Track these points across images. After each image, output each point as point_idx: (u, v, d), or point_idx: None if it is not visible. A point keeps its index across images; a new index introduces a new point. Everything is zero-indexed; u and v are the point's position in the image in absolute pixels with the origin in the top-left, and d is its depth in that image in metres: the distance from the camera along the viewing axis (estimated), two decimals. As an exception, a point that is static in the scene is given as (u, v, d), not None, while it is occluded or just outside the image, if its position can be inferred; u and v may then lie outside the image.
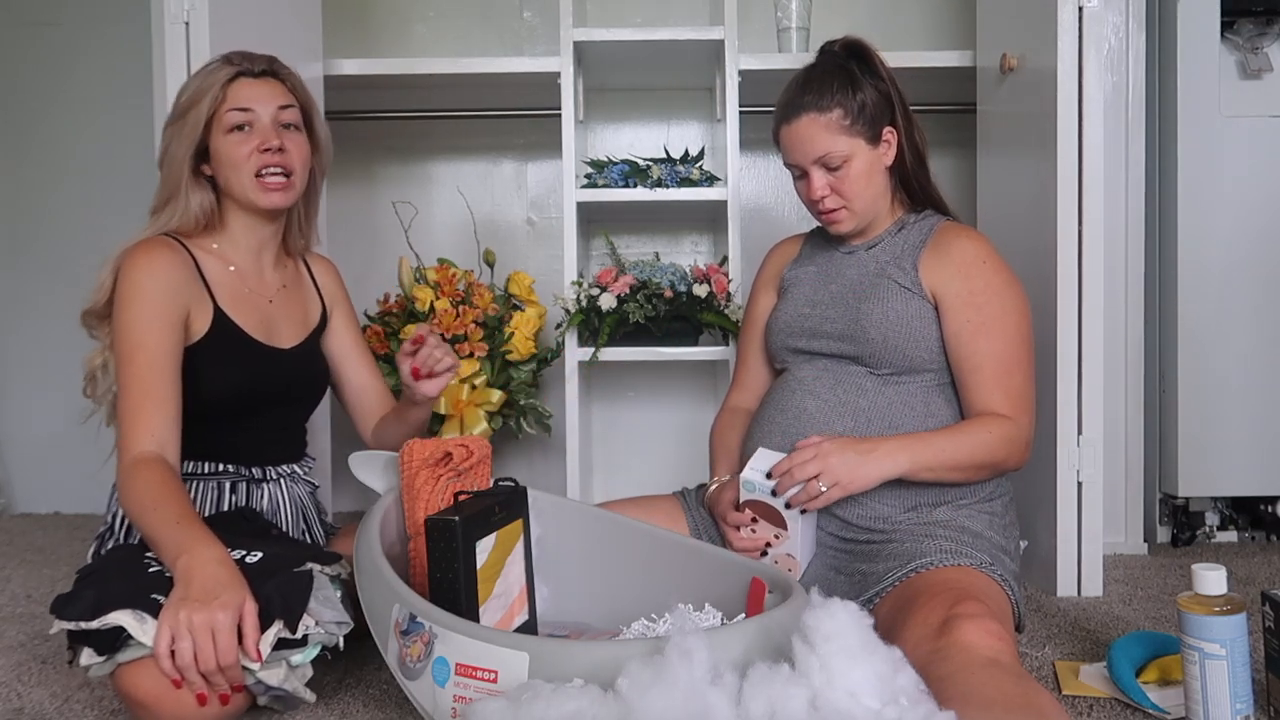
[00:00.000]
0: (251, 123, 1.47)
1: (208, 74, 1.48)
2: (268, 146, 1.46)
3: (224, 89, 1.46)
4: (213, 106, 1.45)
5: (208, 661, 1.14)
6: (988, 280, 1.50)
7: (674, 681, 0.91)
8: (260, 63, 1.49)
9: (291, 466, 1.58)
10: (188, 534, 1.23)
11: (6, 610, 1.81)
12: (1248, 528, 2.26)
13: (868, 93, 1.51)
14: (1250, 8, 2.18)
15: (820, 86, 1.51)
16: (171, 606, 1.16)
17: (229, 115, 1.46)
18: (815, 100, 1.50)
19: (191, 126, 1.46)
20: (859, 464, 1.39)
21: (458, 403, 2.14)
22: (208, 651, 1.14)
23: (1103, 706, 1.29)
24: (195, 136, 1.46)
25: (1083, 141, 1.79)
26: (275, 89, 1.49)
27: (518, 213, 2.62)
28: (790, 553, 1.44)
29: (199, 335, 1.44)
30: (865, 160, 1.52)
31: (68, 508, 2.70)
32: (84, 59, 2.70)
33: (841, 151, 1.50)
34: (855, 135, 1.50)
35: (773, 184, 2.60)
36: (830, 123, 1.49)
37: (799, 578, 1.44)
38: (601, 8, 2.56)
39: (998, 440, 1.45)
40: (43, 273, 2.70)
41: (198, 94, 1.46)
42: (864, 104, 1.50)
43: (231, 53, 1.50)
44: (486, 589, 1.23)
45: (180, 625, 1.14)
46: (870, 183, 1.53)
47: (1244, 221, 2.17)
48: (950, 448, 1.43)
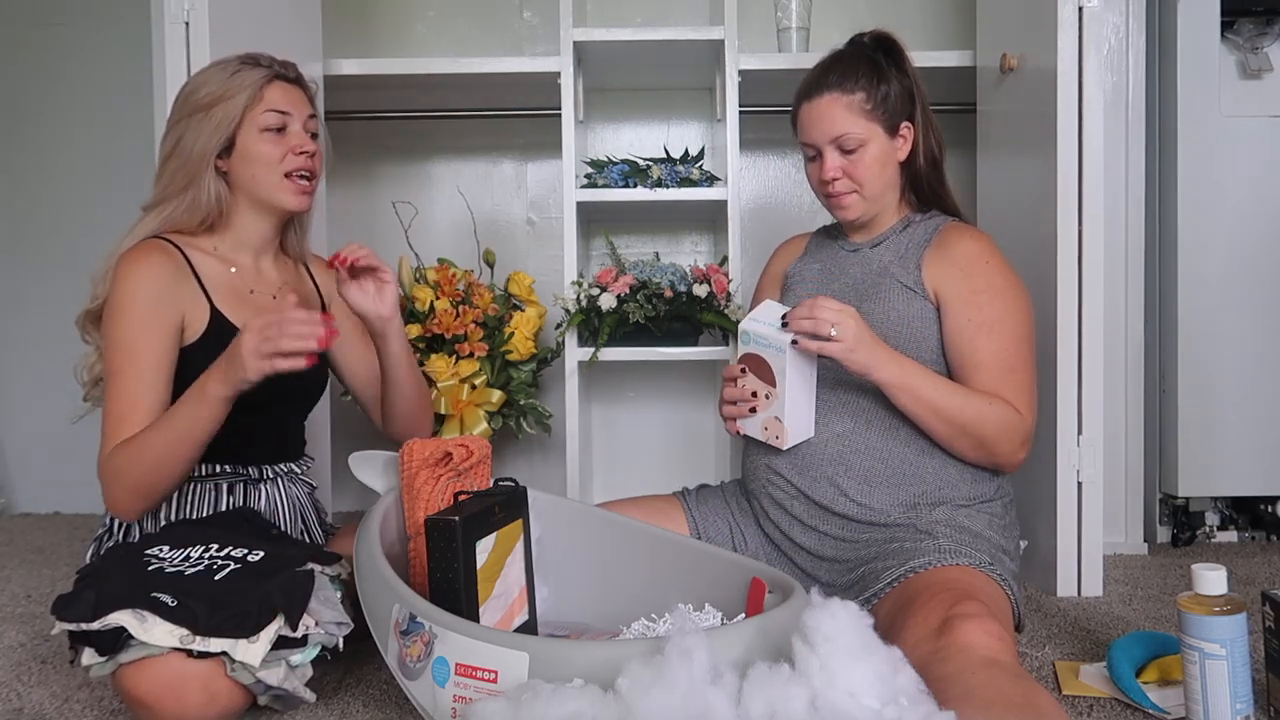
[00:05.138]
0: (286, 125, 1.49)
1: (237, 72, 1.48)
2: (303, 150, 1.49)
3: (261, 89, 1.48)
4: (248, 104, 1.47)
5: (294, 324, 1.25)
6: (990, 279, 1.50)
7: (674, 681, 0.91)
8: (291, 69, 1.53)
9: (290, 466, 1.58)
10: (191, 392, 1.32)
11: (6, 610, 1.81)
12: (1248, 528, 2.26)
13: (892, 84, 1.53)
14: (1250, 8, 2.18)
15: (846, 69, 1.53)
16: (237, 345, 1.28)
17: (265, 116, 1.47)
18: (839, 81, 1.52)
19: (220, 121, 1.46)
20: (868, 342, 1.42)
21: (458, 403, 2.14)
22: (287, 323, 1.25)
23: (1103, 706, 1.29)
24: (226, 131, 1.47)
25: (1083, 141, 1.79)
26: (304, 97, 1.54)
27: (518, 213, 2.62)
28: (778, 415, 1.44)
29: (195, 336, 1.44)
30: (880, 148, 1.53)
31: (68, 508, 2.70)
32: (84, 59, 2.70)
33: (858, 134, 1.51)
34: (874, 121, 1.51)
35: (773, 184, 2.60)
36: (852, 104, 1.51)
37: (785, 446, 1.46)
38: (601, 8, 2.56)
39: (994, 417, 1.44)
40: (42, 272, 2.70)
41: (230, 89, 1.47)
42: (887, 94, 1.52)
43: (256, 54, 1.51)
44: (486, 589, 1.23)
45: (254, 329, 1.26)
46: (882, 172, 1.54)
47: (1244, 221, 2.17)
48: (945, 393, 1.44)
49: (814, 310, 1.40)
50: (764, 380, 1.44)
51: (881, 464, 1.47)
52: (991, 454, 1.47)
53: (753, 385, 1.45)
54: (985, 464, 1.49)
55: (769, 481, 1.54)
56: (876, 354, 1.42)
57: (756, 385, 1.45)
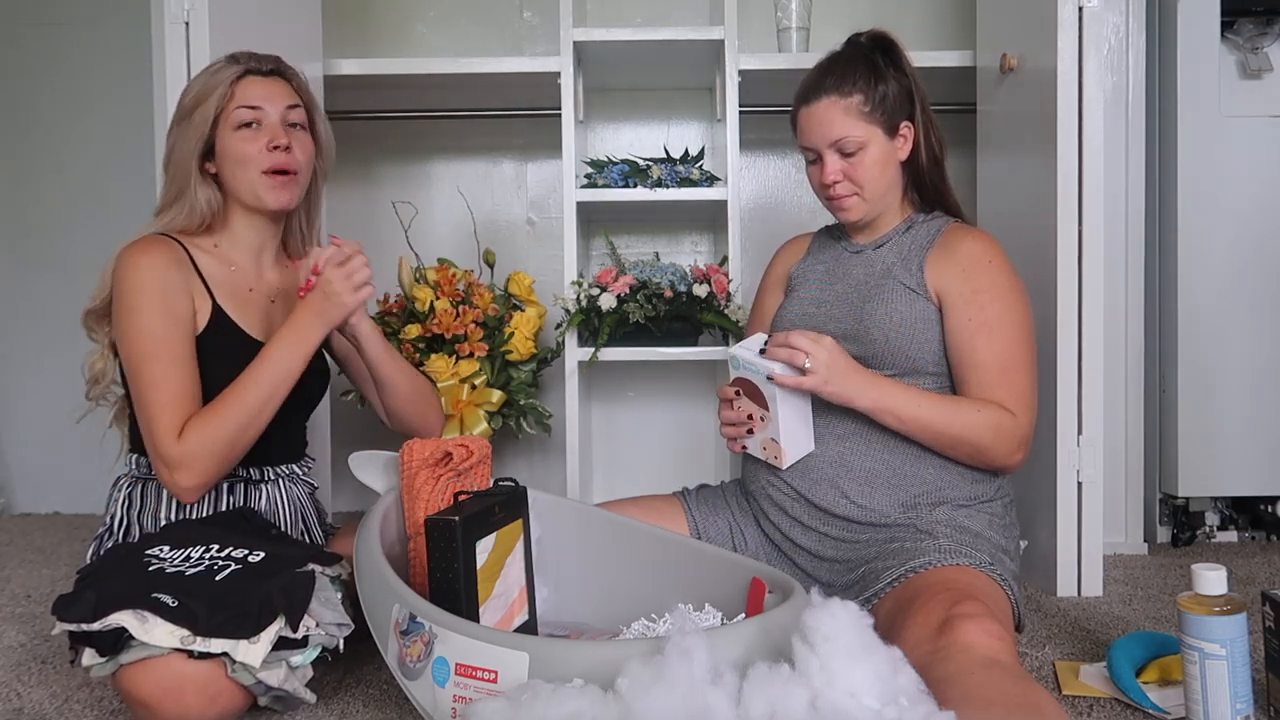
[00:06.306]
0: (260, 120, 1.47)
1: (214, 72, 1.48)
2: (276, 144, 1.46)
3: (232, 87, 1.47)
4: (220, 104, 1.46)
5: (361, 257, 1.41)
6: (992, 280, 1.50)
7: (674, 681, 0.91)
8: (268, 62, 1.50)
9: (291, 467, 1.58)
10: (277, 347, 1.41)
11: (6, 610, 1.81)
12: (1248, 528, 2.26)
13: (890, 85, 1.52)
14: (1250, 8, 2.18)
15: (843, 71, 1.52)
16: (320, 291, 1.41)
17: (237, 113, 1.46)
18: (837, 84, 1.51)
19: (198, 124, 1.46)
20: (846, 371, 1.43)
21: (458, 403, 2.14)
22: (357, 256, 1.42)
23: (1103, 706, 1.29)
24: (203, 134, 1.46)
25: (1083, 141, 1.79)
26: (282, 88, 1.50)
27: (518, 213, 2.62)
28: (774, 437, 1.45)
29: (199, 329, 1.45)
30: (880, 150, 1.52)
31: (68, 508, 2.70)
32: (84, 59, 2.70)
33: (858, 137, 1.50)
34: (873, 123, 1.51)
35: (773, 184, 2.60)
36: (850, 107, 1.50)
37: (785, 465, 1.48)
38: (601, 8, 2.56)
39: (985, 422, 1.44)
40: (43, 272, 2.70)
41: (204, 91, 1.46)
42: (885, 95, 1.51)
43: (237, 52, 1.50)
44: (486, 589, 1.23)
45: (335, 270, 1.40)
46: (883, 173, 1.54)
47: (1244, 221, 2.17)
48: (930, 408, 1.44)
49: (789, 340, 1.42)
50: (756, 402, 1.45)
51: (882, 465, 1.47)
52: (987, 459, 1.47)
53: (748, 408, 1.47)
54: (983, 468, 1.49)
55: (768, 483, 1.54)
56: (852, 382, 1.43)
57: (751, 408, 1.47)
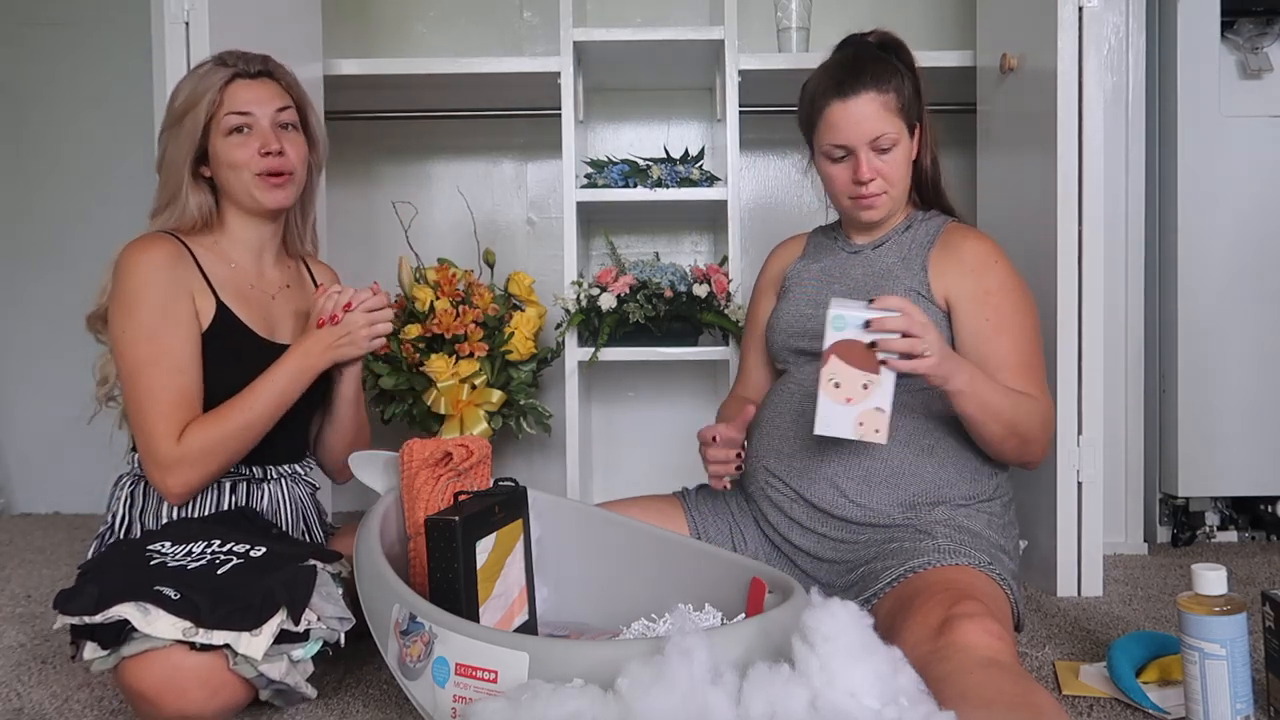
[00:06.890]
0: (251, 125, 1.47)
1: (202, 76, 1.48)
2: (268, 150, 1.46)
3: (221, 92, 1.46)
4: (210, 110, 1.46)
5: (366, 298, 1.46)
6: (1002, 280, 1.50)
7: (674, 681, 0.92)
8: (255, 63, 1.49)
9: (292, 467, 1.58)
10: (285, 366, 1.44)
11: (6, 610, 1.81)
12: (1248, 528, 2.26)
13: (907, 83, 1.53)
14: (1250, 8, 2.18)
15: (876, 68, 1.51)
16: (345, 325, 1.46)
17: (227, 119, 1.46)
18: (874, 80, 1.50)
19: (189, 131, 1.46)
20: (948, 351, 1.37)
21: (458, 403, 2.14)
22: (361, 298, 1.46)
23: (1103, 706, 1.29)
24: (194, 141, 1.46)
25: (1083, 141, 1.79)
26: (272, 90, 1.50)
27: (518, 213, 2.62)
28: (879, 406, 1.30)
29: (203, 328, 1.44)
30: (906, 148, 1.53)
31: (68, 508, 2.70)
32: (84, 59, 2.70)
33: (893, 134, 1.50)
34: (902, 120, 1.51)
35: (773, 184, 2.60)
36: (888, 103, 1.50)
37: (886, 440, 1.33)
38: (601, 8, 2.56)
39: (1038, 412, 1.46)
40: (43, 273, 2.70)
41: (194, 98, 1.46)
42: (907, 93, 1.52)
43: (225, 53, 1.50)
44: (486, 589, 1.23)
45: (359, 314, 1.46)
46: (908, 172, 1.55)
47: (1244, 221, 2.17)
48: (999, 395, 1.42)
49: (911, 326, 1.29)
50: (862, 367, 1.30)
51: (880, 464, 1.47)
52: (1031, 449, 1.47)
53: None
54: (1019, 461, 1.50)
55: (767, 484, 1.53)
56: (954, 362, 1.38)
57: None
